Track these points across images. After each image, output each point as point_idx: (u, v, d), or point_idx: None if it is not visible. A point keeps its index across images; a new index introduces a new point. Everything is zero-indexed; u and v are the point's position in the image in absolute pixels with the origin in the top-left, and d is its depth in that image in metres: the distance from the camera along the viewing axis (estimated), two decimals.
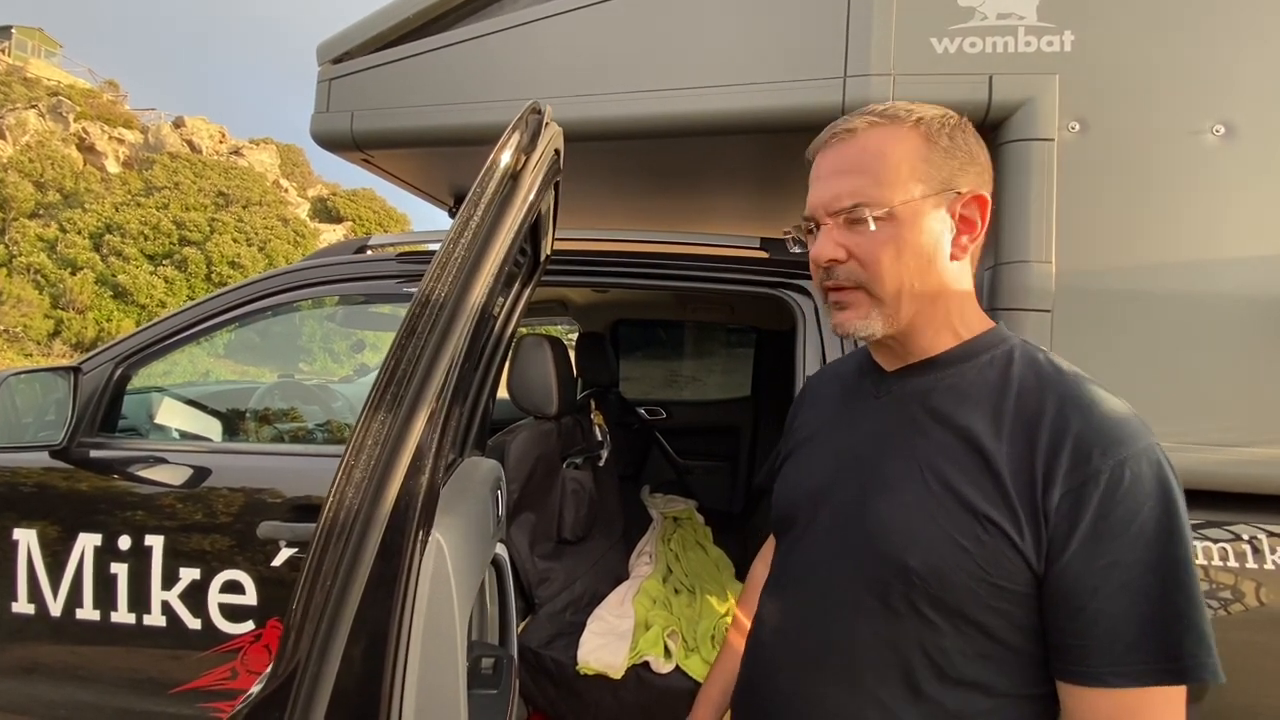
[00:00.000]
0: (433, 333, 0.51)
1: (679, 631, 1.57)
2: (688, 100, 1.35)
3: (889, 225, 0.62)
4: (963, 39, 1.22)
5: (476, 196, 0.56)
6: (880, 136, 0.64)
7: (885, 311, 0.64)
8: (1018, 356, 0.64)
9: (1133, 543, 0.53)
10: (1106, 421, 0.57)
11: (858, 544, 0.63)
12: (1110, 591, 0.53)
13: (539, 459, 1.71)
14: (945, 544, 0.58)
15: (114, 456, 1.59)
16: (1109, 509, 0.54)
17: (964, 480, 0.59)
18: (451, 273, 0.53)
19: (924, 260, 0.63)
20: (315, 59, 1.64)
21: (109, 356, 1.67)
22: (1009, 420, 0.60)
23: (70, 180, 19.28)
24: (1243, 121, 1.14)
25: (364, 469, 0.47)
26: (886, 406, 0.68)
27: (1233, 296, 1.14)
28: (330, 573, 0.46)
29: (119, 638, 1.49)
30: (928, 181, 0.63)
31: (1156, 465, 0.55)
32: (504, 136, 0.60)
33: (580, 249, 1.66)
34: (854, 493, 0.66)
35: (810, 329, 1.46)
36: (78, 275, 16.63)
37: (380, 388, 0.49)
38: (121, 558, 1.49)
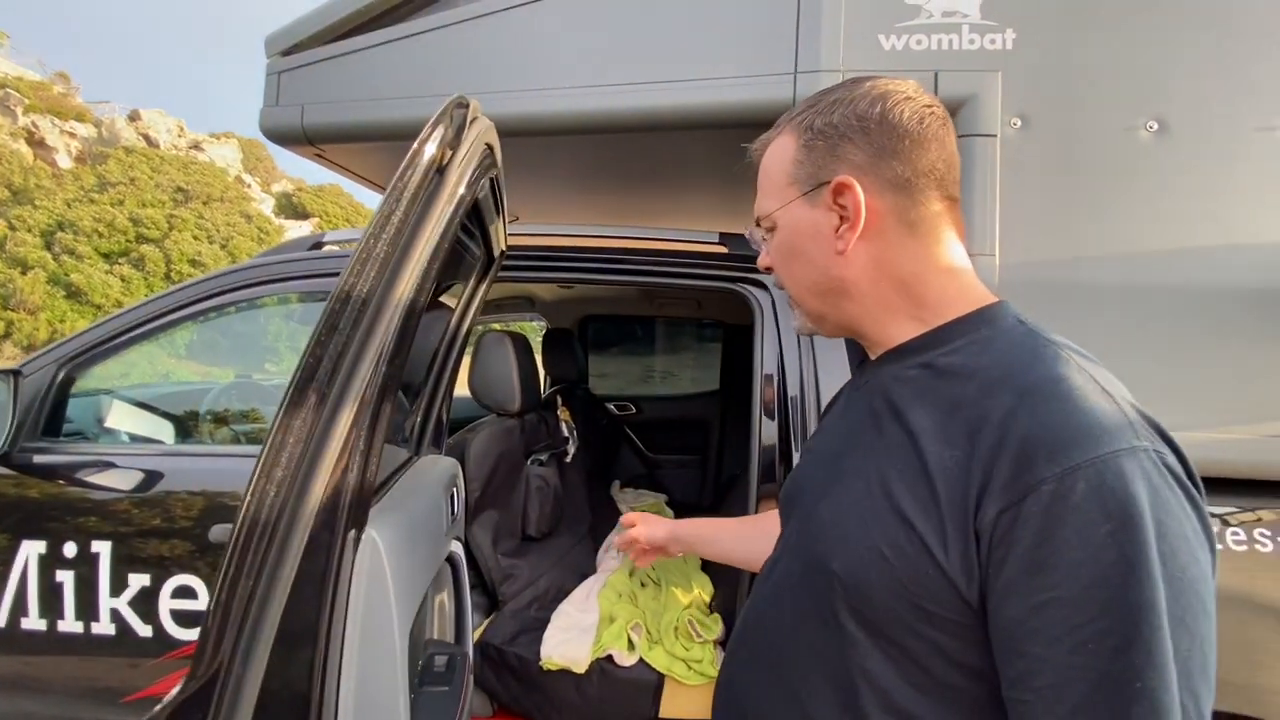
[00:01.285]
0: (355, 329, 0.51)
1: (643, 624, 1.58)
2: (639, 96, 1.36)
3: (776, 235, 0.64)
4: (909, 36, 1.25)
5: (398, 191, 0.56)
6: (768, 150, 0.65)
7: (803, 310, 0.65)
8: (999, 342, 0.55)
9: (1077, 574, 0.42)
10: (1067, 419, 0.46)
11: (804, 544, 0.60)
12: (1053, 635, 0.43)
13: (501, 456, 1.70)
14: (868, 551, 0.52)
15: (58, 461, 1.54)
16: (1052, 530, 0.43)
17: (900, 483, 0.52)
18: (374, 268, 0.53)
19: (806, 261, 0.62)
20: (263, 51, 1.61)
21: (52, 358, 1.61)
22: (959, 417, 0.51)
23: (19, 176, 18.50)
24: (1175, 118, 1.19)
25: (285, 467, 0.47)
26: (858, 398, 0.65)
27: (1168, 287, 1.19)
28: (251, 573, 0.45)
29: (68, 647, 1.45)
30: (801, 182, 0.61)
31: (1122, 478, 0.43)
32: (426, 130, 0.59)
33: (539, 244, 1.65)
34: (813, 491, 0.63)
35: (768, 323, 1.47)
36: (28, 275, 15.99)
37: (299, 385, 0.49)
38: (67, 565, 1.44)
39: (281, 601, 0.47)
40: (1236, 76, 1.16)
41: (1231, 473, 1.15)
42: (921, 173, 0.58)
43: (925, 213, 0.58)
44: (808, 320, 0.66)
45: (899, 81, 0.61)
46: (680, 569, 2.00)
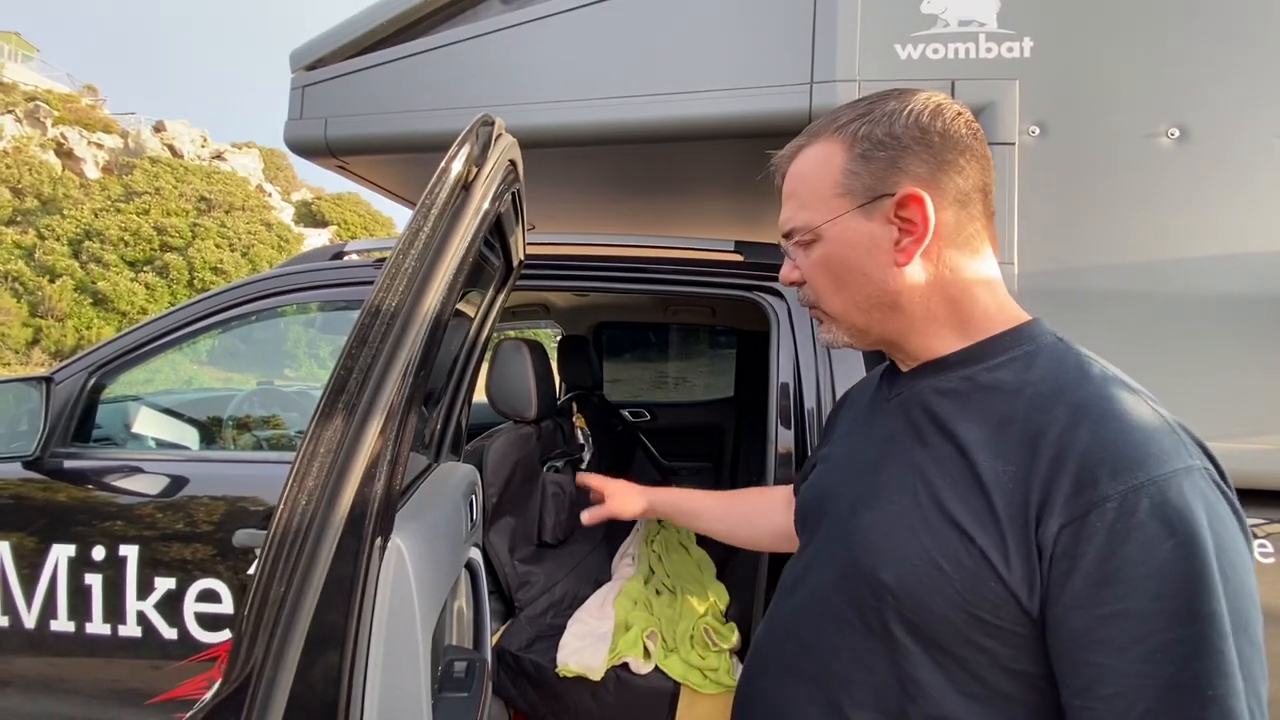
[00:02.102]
0: (384, 342, 0.52)
1: (658, 632, 1.58)
2: (656, 107, 1.37)
3: (819, 246, 0.61)
4: (925, 45, 1.25)
5: (427, 207, 0.57)
6: (805, 158, 0.62)
7: (841, 326, 0.64)
8: (1043, 358, 0.56)
9: (1145, 587, 0.44)
10: (1126, 438, 0.47)
11: (843, 554, 0.60)
12: (1120, 645, 0.44)
13: (518, 463, 1.71)
14: (923, 562, 0.52)
15: (88, 466, 1.58)
16: (1117, 545, 0.45)
17: (952, 495, 0.53)
18: (402, 283, 0.54)
19: (859, 274, 0.60)
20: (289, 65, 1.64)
21: (82, 366, 1.65)
22: (1015, 433, 0.52)
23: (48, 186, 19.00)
24: (1196, 125, 1.18)
25: (316, 476, 0.48)
26: (894, 410, 0.64)
27: (1190, 296, 1.17)
28: (284, 579, 0.46)
29: (95, 649, 1.48)
30: (854, 193, 0.59)
31: (1183, 496, 0.45)
32: (454, 147, 0.61)
33: (555, 253, 1.67)
34: (849, 501, 0.62)
35: (784, 331, 1.47)
36: (57, 282, 16.39)
37: (331, 396, 0.50)
38: (96, 568, 1.48)
39: (312, 607, 0.48)
40: (1258, 83, 1.15)
41: (1260, 483, 1.13)
42: (975, 187, 0.59)
43: (976, 227, 0.60)
44: (843, 334, 0.64)
45: (940, 94, 0.62)
46: (696, 577, 2.00)
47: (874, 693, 0.55)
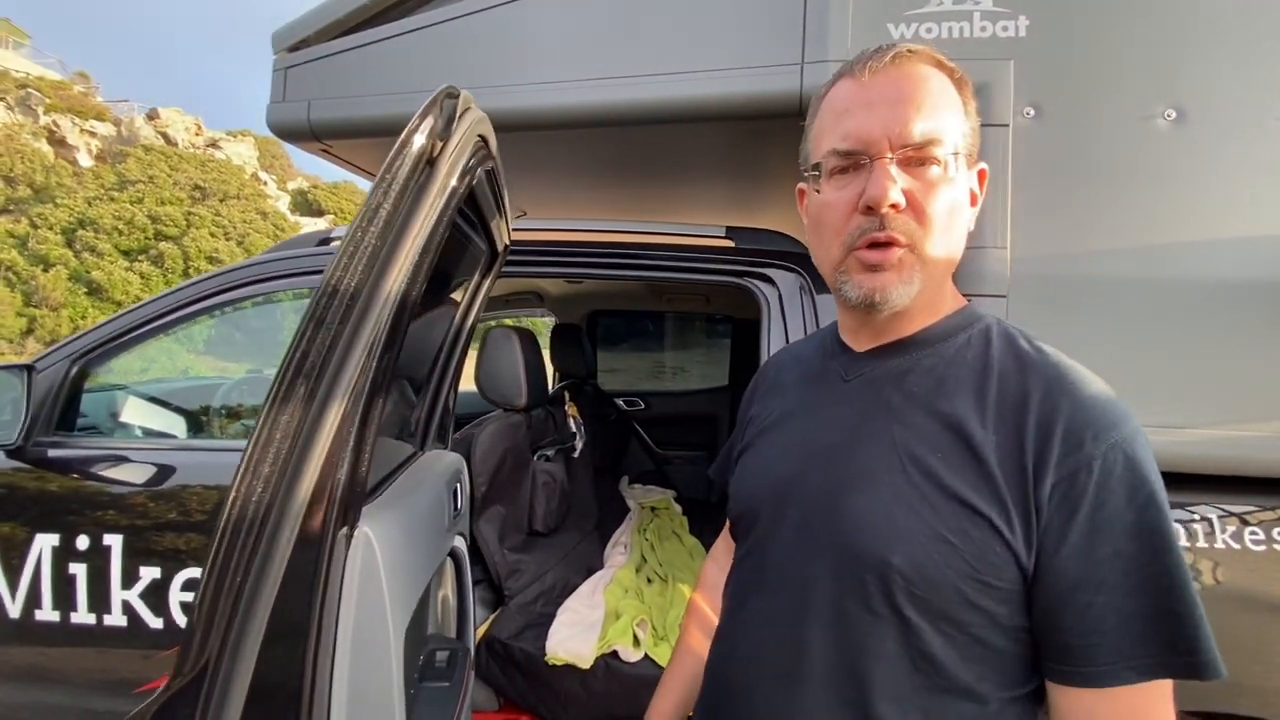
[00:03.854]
0: (345, 323, 0.50)
1: (648, 620, 1.58)
2: (644, 87, 1.34)
3: (948, 176, 0.56)
4: (919, 24, 1.22)
5: (387, 183, 0.55)
6: (938, 77, 0.57)
7: (927, 275, 0.57)
8: (995, 336, 0.60)
9: (1133, 531, 0.50)
10: (1096, 404, 0.53)
11: (832, 543, 0.57)
12: (1116, 583, 0.49)
13: (507, 451, 1.70)
14: (930, 539, 0.52)
15: (72, 455, 1.56)
16: (1105, 496, 0.50)
17: (948, 470, 0.54)
18: (362, 262, 0.52)
19: (960, 224, 0.59)
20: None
21: (64, 354, 1.63)
22: (993, 404, 0.55)
23: (41, 174, 18.84)
24: (1193, 106, 1.15)
25: (273, 463, 0.46)
26: (858, 390, 0.62)
27: (1183, 280, 1.16)
28: (239, 569, 0.45)
29: (80, 638, 1.47)
30: (965, 142, 0.58)
31: (1145, 449, 0.52)
32: (414, 119, 0.59)
33: (544, 239, 1.64)
34: (825, 486, 0.59)
35: (774, 317, 1.46)
36: (50, 272, 16.30)
37: (288, 380, 0.48)
38: (80, 557, 1.46)
39: (271, 597, 0.47)
40: (1257, 64, 1.13)
41: (1252, 470, 1.12)
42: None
43: None
44: (918, 285, 0.57)
45: None
46: (688, 565, 2.00)
47: (890, 680, 0.54)
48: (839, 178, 0.58)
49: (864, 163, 0.56)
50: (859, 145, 0.56)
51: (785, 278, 1.47)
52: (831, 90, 0.61)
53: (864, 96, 0.57)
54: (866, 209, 0.56)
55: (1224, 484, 1.13)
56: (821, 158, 0.60)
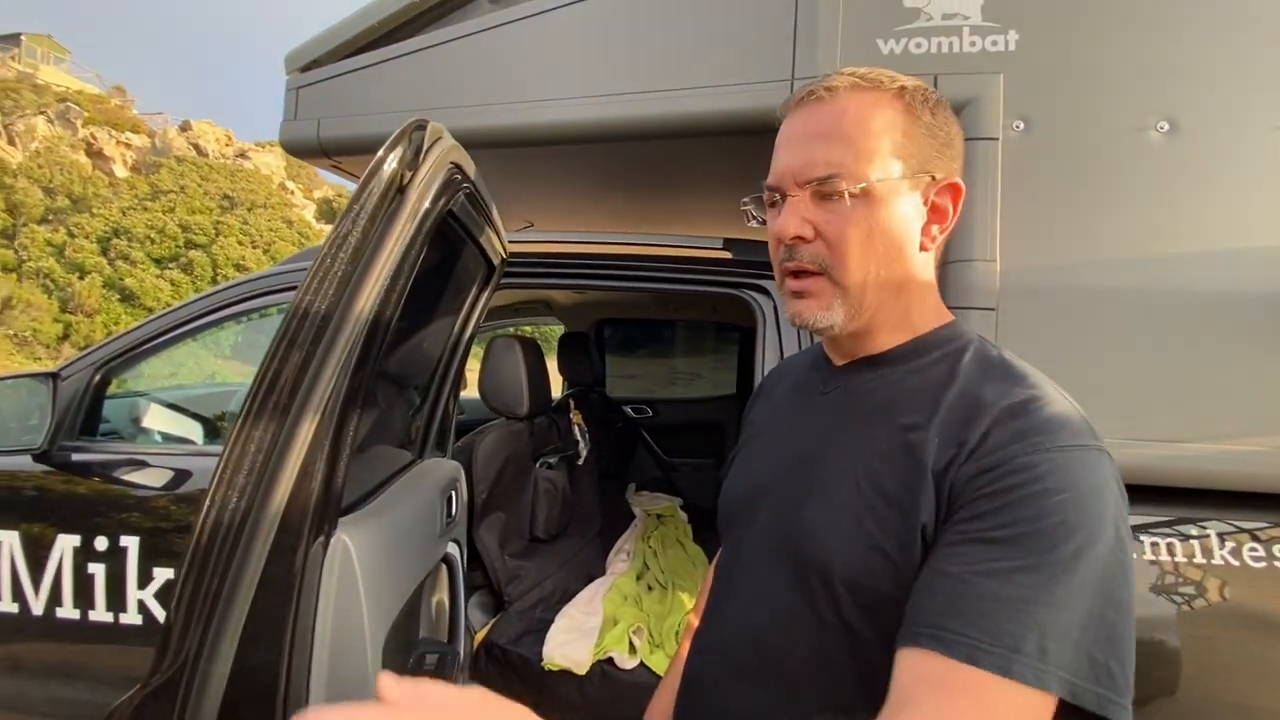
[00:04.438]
0: (316, 344, 0.53)
1: (645, 628, 1.59)
2: (638, 105, 1.37)
3: (863, 204, 0.56)
4: (908, 40, 1.23)
5: (355, 212, 0.58)
6: (863, 102, 0.57)
7: (849, 302, 0.58)
8: (970, 355, 0.59)
9: (1022, 529, 0.47)
10: (1042, 417, 0.51)
11: (790, 549, 0.59)
12: (979, 566, 0.47)
13: (509, 459, 1.73)
14: (868, 550, 0.53)
15: (94, 459, 1.63)
16: (1010, 488, 0.49)
17: (896, 482, 0.54)
18: (331, 285, 0.55)
19: (894, 248, 0.58)
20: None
21: (89, 361, 1.70)
22: (943, 415, 0.55)
23: (78, 185, 19.51)
24: (1186, 118, 1.15)
25: (247, 475, 0.49)
26: (831, 403, 0.64)
27: (1177, 293, 1.15)
28: (215, 574, 0.48)
29: (98, 636, 1.53)
30: (906, 160, 0.57)
31: (1084, 467, 0.49)
32: (382, 150, 0.62)
33: (546, 251, 1.68)
34: (790, 494, 0.61)
35: (769, 329, 1.47)
36: (86, 279, 16.84)
37: (260, 397, 0.51)
38: (99, 558, 1.52)
39: (246, 601, 0.50)
40: (1251, 74, 1.12)
41: (1249, 486, 1.10)
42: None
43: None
44: (841, 311, 0.58)
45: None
46: (689, 573, 2.01)
47: (835, 687, 0.55)
48: (771, 210, 0.62)
49: (776, 200, 0.61)
50: (774, 181, 0.60)
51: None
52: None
53: (786, 133, 0.61)
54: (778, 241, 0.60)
55: (1221, 499, 1.11)
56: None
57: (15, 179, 18.39)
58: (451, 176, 0.72)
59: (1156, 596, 1.10)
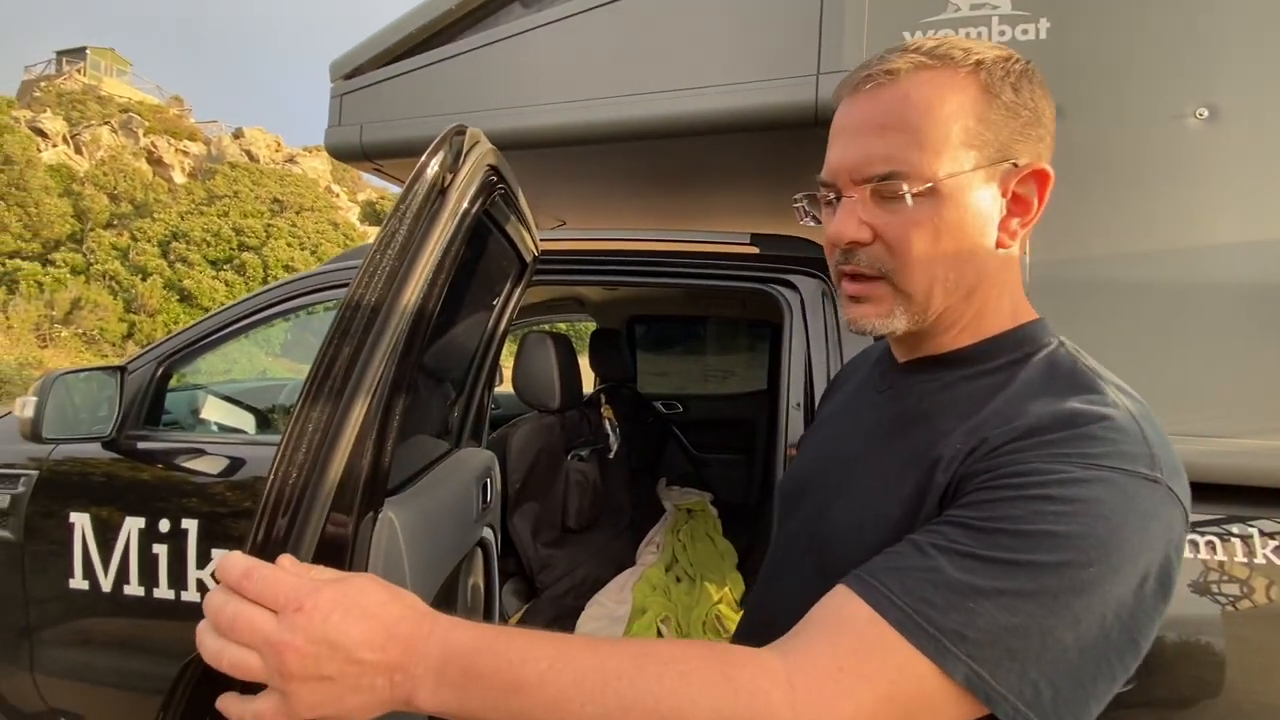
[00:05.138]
0: (366, 333, 0.58)
1: (673, 617, 1.62)
2: (667, 103, 1.40)
3: (929, 202, 0.50)
4: (935, 31, 1.23)
5: (402, 211, 0.63)
6: (929, 84, 0.50)
7: (912, 308, 0.53)
8: (1039, 360, 0.53)
9: (1002, 525, 0.42)
10: (1090, 431, 0.45)
11: (815, 546, 0.57)
12: (939, 541, 0.44)
13: (541, 451, 1.78)
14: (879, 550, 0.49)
15: (157, 447, 1.74)
16: (1010, 486, 0.44)
17: (914, 489, 0.50)
18: (380, 280, 0.60)
19: (965, 248, 0.51)
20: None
21: (152, 356, 1.82)
22: (977, 419, 0.50)
23: (141, 191, 20.54)
24: (1227, 104, 1.11)
25: (305, 451, 0.54)
26: (885, 401, 0.61)
27: (1219, 284, 1.12)
28: (278, 542, 0.53)
29: (160, 611, 1.63)
30: (982, 148, 0.50)
31: (1121, 494, 0.42)
32: (426, 155, 0.66)
33: (576, 248, 1.72)
34: (826, 492, 0.60)
35: (796, 323, 1.48)
36: (148, 281, 17.72)
37: (316, 382, 0.57)
38: (162, 539, 1.63)
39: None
40: None
41: None
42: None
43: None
44: (904, 317, 0.54)
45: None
46: (717, 566, 2.03)
47: None
48: (827, 208, 0.57)
49: (831, 199, 0.55)
50: (829, 177, 0.55)
51: (808, 284, 1.49)
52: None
53: (839, 124, 0.55)
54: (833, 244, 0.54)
55: (1259, 496, 1.08)
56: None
57: (83, 186, 19.49)
58: (488, 178, 0.77)
59: (1199, 596, 1.08)
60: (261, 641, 0.43)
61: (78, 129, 22.26)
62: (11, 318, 14.67)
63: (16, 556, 1.69)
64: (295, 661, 0.42)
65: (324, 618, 0.43)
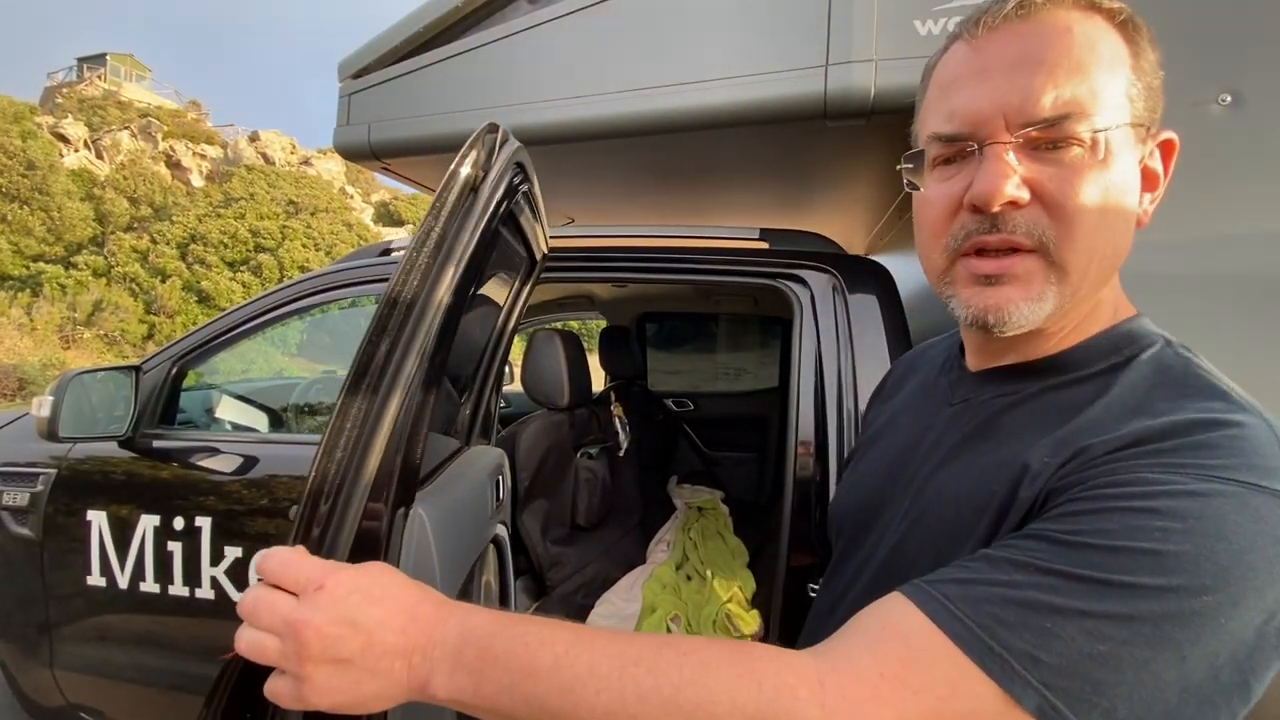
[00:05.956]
0: (402, 330, 0.59)
1: (683, 616, 1.61)
2: (675, 96, 1.38)
3: (1095, 157, 0.42)
4: (946, 19, 1.20)
5: (438, 208, 0.64)
6: (1091, 25, 0.43)
7: (1064, 290, 0.44)
8: (1144, 361, 0.46)
9: (1093, 540, 0.37)
10: (1212, 440, 0.38)
11: (891, 580, 0.49)
12: (1015, 555, 0.38)
13: (550, 448, 1.78)
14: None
15: (172, 446, 1.76)
16: (1106, 496, 0.38)
17: (994, 523, 0.44)
18: (416, 277, 0.60)
19: (1122, 220, 0.44)
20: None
21: (167, 356, 1.84)
22: (1068, 429, 0.43)
23: (160, 195, 20.87)
24: (1251, 89, 1.08)
25: (344, 448, 0.55)
26: (957, 416, 0.53)
27: (1245, 278, 1.08)
28: (319, 536, 0.54)
29: (176, 608, 1.65)
30: (1133, 108, 0.44)
31: (1251, 513, 0.36)
32: (460, 154, 0.67)
33: (585, 245, 1.71)
34: (899, 521, 0.53)
35: (807, 319, 1.46)
36: (167, 282, 18.02)
37: (356, 377, 0.57)
38: (176, 537, 1.65)
39: (343, 559, 0.55)
40: None
41: None
42: None
43: None
44: (1053, 300, 0.45)
45: None
46: (727, 564, 2.01)
47: None
48: (943, 169, 0.47)
49: (972, 150, 0.45)
50: (966, 127, 0.45)
51: (818, 279, 1.47)
52: (941, 58, 0.49)
53: (976, 62, 0.45)
54: (973, 208, 0.45)
55: None
56: (924, 144, 0.49)
57: (104, 190, 19.84)
58: (515, 176, 0.77)
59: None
60: (281, 623, 0.43)
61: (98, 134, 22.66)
62: (35, 320, 14.98)
63: (36, 554, 1.72)
64: (315, 641, 0.42)
65: (345, 597, 0.43)
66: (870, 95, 1.22)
